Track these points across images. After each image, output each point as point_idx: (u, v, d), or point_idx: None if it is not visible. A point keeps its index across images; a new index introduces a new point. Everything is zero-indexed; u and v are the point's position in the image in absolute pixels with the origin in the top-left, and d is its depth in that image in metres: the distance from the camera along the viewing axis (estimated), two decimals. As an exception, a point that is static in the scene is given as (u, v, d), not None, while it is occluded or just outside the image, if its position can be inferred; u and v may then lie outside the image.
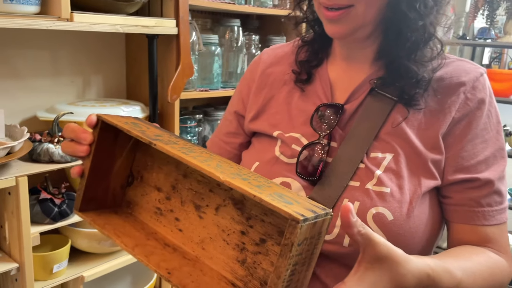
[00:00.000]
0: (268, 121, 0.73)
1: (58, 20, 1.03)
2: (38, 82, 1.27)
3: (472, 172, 0.62)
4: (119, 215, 0.62)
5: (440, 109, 0.63)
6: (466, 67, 0.66)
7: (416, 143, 0.63)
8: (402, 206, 0.60)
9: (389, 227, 0.59)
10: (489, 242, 0.63)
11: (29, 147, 1.07)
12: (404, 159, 0.62)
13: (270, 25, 1.84)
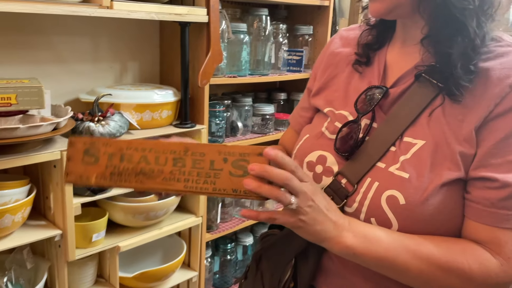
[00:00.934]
0: (326, 98, 0.78)
1: (100, 7, 1.12)
2: (80, 67, 1.38)
3: (493, 171, 0.60)
4: None
5: (480, 100, 0.61)
6: None
7: (448, 133, 0.62)
8: (417, 192, 0.61)
9: (399, 211, 0.62)
10: (492, 244, 0.61)
11: (72, 124, 1.16)
12: (432, 147, 0.62)
13: (298, 14, 1.89)
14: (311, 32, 1.86)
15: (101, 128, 1.19)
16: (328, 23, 1.84)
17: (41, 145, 1.11)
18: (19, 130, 0.99)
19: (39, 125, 1.02)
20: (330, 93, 0.78)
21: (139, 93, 1.32)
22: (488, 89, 0.60)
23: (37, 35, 1.27)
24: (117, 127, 1.22)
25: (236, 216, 1.76)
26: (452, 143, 0.62)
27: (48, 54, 1.30)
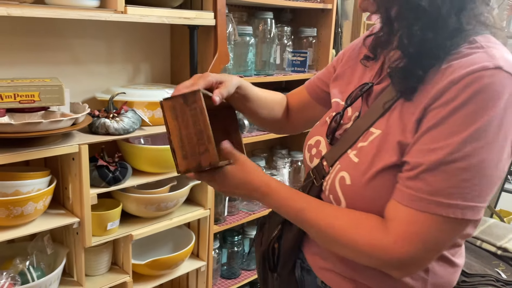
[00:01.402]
0: (339, 88, 0.87)
1: (115, 12, 1.21)
2: (96, 68, 1.47)
3: (411, 156, 0.64)
4: None
5: (427, 95, 0.64)
6: (477, 59, 0.61)
7: (397, 125, 0.67)
8: (361, 175, 0.69)
9: (346, 190, 0.71)
10: (392, 219, 0.65)
11: (89, 120, 1.26)
12: (382, 137, 0.69)
13: (302, 17, 1.97)
14: (315, 34, 1.93)
15: (115, 124, 1.28)
16: (331, 25, 1.91)
17: (61, 139, 1.21)
18: (42, 124, 1.08)
19: (59, 120, 1.12)
20: (343, 85, 0.86)
21: (151, 92, 1.41)
22: (436, 85, 0.63)
23: (57, 38, 1.37)
24: (130, 123, 1.31)
25: (243, 210, 1.84)
26: (396, 134, 0.67)
27: (67, 56, 1.40)
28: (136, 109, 1.37)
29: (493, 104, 0.59)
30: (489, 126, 0.60)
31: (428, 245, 0.63)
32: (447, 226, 0.63)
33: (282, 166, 1.94)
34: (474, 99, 0.60)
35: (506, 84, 0.60)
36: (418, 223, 0.63)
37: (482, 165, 0.61)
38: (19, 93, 1.09)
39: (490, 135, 0.60)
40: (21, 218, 1.15)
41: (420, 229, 0.63)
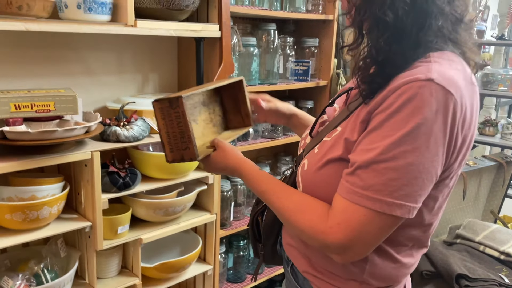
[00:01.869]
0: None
1: (125, 26, 1.28)
2: (106, 78, 1.54)
3: (352, 154, 0.73)
4: None
5: (372, 101, 0.72)
6: (416, 71, 0.68)
7: (350, 125, 0.76)
8: (316, 163, 0.80)
9: (303, 174, 0.84)
10: (333, 209, 0.73)
11: (101, 128, 1.32)
12: (339, 134, 0.79)
13: (304, 28, 2.03)
14: (317, 44, 1.99)
15: (126, 131, 1.34)
16: (332, 35, 1.97)
17: (74, 147, 1.27)
18: (57, 132, 1.15)
19: (73, 128, 1.18)
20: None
21: (159, 101, 1.47)
22: (381, 93, 0.71)
23: (70, 50, 1.44)
24: (140, 131, 1.37)
25: (248, 215, 1.89)
26: (346, 132, 0.76)
27: (79, 68, 1.47)
28: (145, 117, 1.43)
29: (420, 111, 0.65)
30: (416, 132, 0.66)
31: (358, 234, 0.70)
32: (376, 220, 0.69)
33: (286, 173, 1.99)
34: (404, 106, 0.66)
35: (434, 94, 0.65)
36: (350, 213, 0.71)
37: (411, 168, 0.67)
38: (35, 103, 1.16)
39: (418, 140, 0.66)
40: (37, 222, 1.20)
41: (352, 218, 0.70)
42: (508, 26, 3.13)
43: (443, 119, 0.67)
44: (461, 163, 0.75)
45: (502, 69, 3.07)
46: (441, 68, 0.68)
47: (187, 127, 0.86)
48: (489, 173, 2.72)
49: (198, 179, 1.60)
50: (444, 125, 0.67)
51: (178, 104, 0.85)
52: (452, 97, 0.67)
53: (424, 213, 0.77)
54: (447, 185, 0.77)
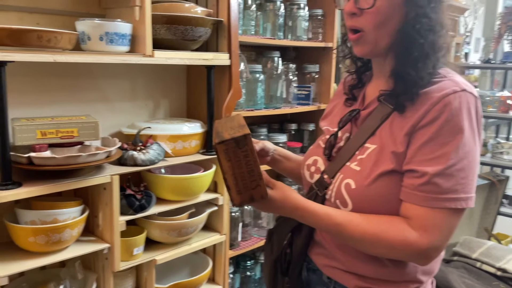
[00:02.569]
0: (328, 121, 1.06)
1: (144, 56, 1.35)
2: (121, 105, 1.61)
3: (416, 165, 0.81)
4: None
5: (414, 115, 0.83)
6: (446, 85, 0.82)
7: (389, 139, 0.85)
8: (364, 179, 0.86)
9: (352, 193, 0.88)
10: (414, 219, 0.81)
11: (119, 153, 1.38)
12: (378, 149, 0.86)
13: (305, 55, 2.13)
14: (317, 70, 2.09)
15: (142, 155, 1.40)
16: (332, 62, 2.07)
17: (94, 171, 1.32)
18: (81, 157, 1.20)
19: (96, 153, 1.24)
20: (331, 117, 1.06)
21: (172, 126, 1.54)
22: (420, 107, 0.82)
23: (87, 79, 1.50)
24: (156, 154, 1.43)
25: (255, 236, 1.93)
26: (390, 146, 0.85)
27: (96, 95, 1.53)
28: (159, 141, 1.49)
29: (466, 117, 0.80)
30: (468, 134, 0.80)
31: (444, 233, 0.81)
32: (455, 216, 0.81)
33: (290, 193, 2.05)
34: (453, 115, 0.79)
35: (471, 101, 0.81)
36: (435, 217, 0.80)
37: (472, 164, 0.81)
38: (60, 130, 1.22)
39: (471, 140, 0.81)
40: (58, 244, 1.24)
41: (437, 222, 0.80)
42: (494, 50, 3.28)
43: (476, 120, 0.82)
44: None
45: (489, 91, 3.21)
46: (461, 80, 0.84)
47: (256, 163, 0.82)
48: (482, 191, 2.81)
49: (208, 201, 1.66)
50: (478, 124, 0.82)
51: (247, 142, 0.81)
52: (478, 101, 0.83)
53: None
54: None
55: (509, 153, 2.97)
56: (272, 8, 1.86)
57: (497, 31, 3.04)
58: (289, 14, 1.94)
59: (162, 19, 1.40)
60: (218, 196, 1.65)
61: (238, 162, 0.82)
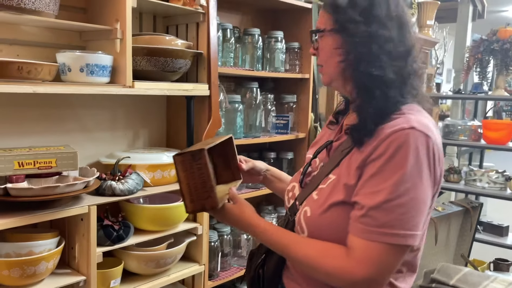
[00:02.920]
0: (313, 148, 1.09)
1: (123, 87, 1.37)
2: (99, 135, 1.61)
3: (359, 198, 0.84)
4: None
5: (365, 149, 0.85)
6: (398, 122, 0.84)
7: (345, 171, 0.88)
8: (318, 208, 0.90)
9: (307, 220, 0.92)
10: (351, 249, 0.84)
11: (97, 183, 1.37)
12: (336, 180, 0.90)
13: (283, 86, 2.19)
14: (295, 100, 2.14)
15: (121, 185, 1.40)
16: (309, 92, 2.13)
17: (71, 201, 1.31)
18: (59, 188, 1.19)
19: (74, 184, 1.23)
20: (316, 146, 1.09)
21: (151, 155, 1.55)
22: (373, 142, 0.85)
23: (67, 109, 1.51)
24: (134, 184, 1.43)
25: (234, 266, 1.92)
26: (344, 178, 0.88)
27: (75, 125, 1.53)
28: (138, 171, 1.49)
29: (410, 154, 0.81)
30: (411, 171, 0.81)
31: (380, 266, 0.82)
32: (393, 251, 0.82)
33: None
34: (397, 151, 0.81)
35: (419, 139, 0.82)
36: (371, 250, 0.82)
37: (413, 201, 0.81)
38: (38, 160, 1.21)
39: (416, 177, 0.81)
40: (33, 277, 1.22)
41: (373, 254, 0.82)
42: (464, 81, 3.43)
43: (427, 157, 0.82)
44: (437, 194, 0.90)
45: (461, 121, 3.32)
46: (416, 118, 0.85)
47: (209, 177, 0.91)
48: (457, 218, 2.87)
49: (187, 230, 1.65)
50: (428, 162, 0.83)
51: (201, 156, 0.90)
52: (430, 139, 0.83)
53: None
54: (429, 213, 0.89)
55: (482, 180, 3.06)
56: (250, 41, 1.92)
57: (466, 63, 3.19)
58: (267, 46, 2.00)
59: (142, 51, 1.43)
60: (197, 226, 1.64)
61: (192, 173, 0.91)
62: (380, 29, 0.86)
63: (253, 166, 1.20)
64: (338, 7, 0.89)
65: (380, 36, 0.86)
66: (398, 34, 0.88)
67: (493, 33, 3.03)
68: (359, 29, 0.86)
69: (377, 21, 0.86)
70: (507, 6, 7.75)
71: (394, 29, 0.87)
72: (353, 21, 0.87)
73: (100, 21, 1.41)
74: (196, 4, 1.56)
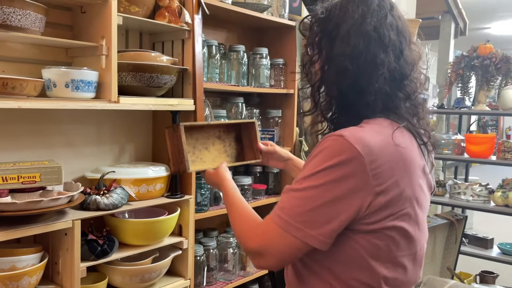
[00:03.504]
0: None
1: (109, 102, 1.39)
2: (85, 150, 1.62)
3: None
4: None
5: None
6: (339, 131, 0.88)
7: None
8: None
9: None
10: (262, 221, 0.94)
11: (82, 198, 1.38)
12: None
13: (269, 101, 2.22)
14: (280, 115, 2.18)
15: (105, 200, 1.40)
16: (294, 107, 2.17)
17: (55, 216, 1.31)
18: (43, 202, 1.20)
19: (58, 198, 1.24)
20: None
21: (137, 170, 1.56)
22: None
23: (52, 125, 1.52)
24: (119, 198, 1.43)
25: (221, 280, 1.92)
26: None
27: (60, 140, 1.54)
28: (123, 185, 1.50)
29: (329, 158, 0.84)
30: (322, 174, 0.84)
31: (268, 245, 0.89)
32: (282, 237, 0.87)
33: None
34: (319, 153, 0.87)
35: (343, 147, 0.84)
36: (268, 226, 0.90)
37: (311, 200, 0.85)
38: (22, 175, 1.22)
39: (322, 180, 0.84)
40: (15, 293, 1.21)
41: (267, 230, 0.90)
42: (446, 96, 3.50)
43: (346, 168, 0.83)
44: (396, 216, 0.87)
45: (445, 135, 3.39)
46: (355, 130, 0.87)
47: (183, 146, 1.18)
48: (443, 230, 2.91)
49: (172, 245, 1.65)
50: (348, 173, 0.83)
51: (177, 130, 1.19)
52: (356, 150, 0.83)
53: (368, 259, 0.88)
54: (387, 235, 0.87)
55: (466, 193, 3.10)
56: (236, 57, 1.96)
57: (448, 79, 3.27)
58: (252, 63, 2.04)
59: (128, 67, 1.45)
60: (183, 240, 1.65)
61: (173, 142, 1.21)
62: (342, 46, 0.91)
63: (274, 151, 1.33)
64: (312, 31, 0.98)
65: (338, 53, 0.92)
66: (366, 46, 0.90)
67: (473, 50, 3.12)
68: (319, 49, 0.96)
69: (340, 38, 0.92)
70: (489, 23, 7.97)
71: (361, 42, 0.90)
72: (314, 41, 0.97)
73: (86, 38, 1.43)
74: (181, 22, 1.59)
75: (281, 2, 2.14)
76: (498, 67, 2.99)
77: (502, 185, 2.94)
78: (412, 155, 0.91)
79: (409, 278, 0.95)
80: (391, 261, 0.90)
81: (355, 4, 0.91)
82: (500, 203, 2.91)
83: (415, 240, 0.92)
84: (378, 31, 0.90)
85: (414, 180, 0.90)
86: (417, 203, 0.91)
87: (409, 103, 0.93)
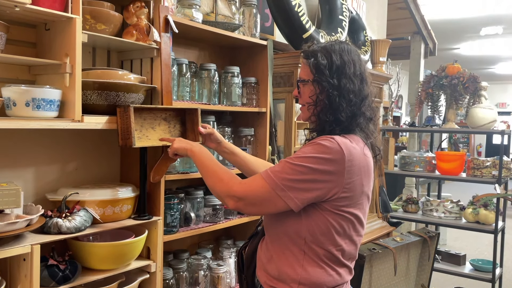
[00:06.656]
0: None
1: (72, 121, 1.35)
2: (48, 170, 1.56)
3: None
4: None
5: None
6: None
7: None
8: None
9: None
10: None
11: (42, 221, 1.32)
12: None
13: (241, 119, 2.21)
14: (252, 133, 2.17)
15: (68, 223, 1.35)
16: (266, 125, 2.16)
17: (13, 240, 1.25)
18: (-2, 226, 1.14)
19: (15, 222, 1.18)
20: None
21: (102, 191, 1.51)
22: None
23: (12, 145, 1.46)
24: (82, 221, 1.38)
25: (190, 303, 1.86)
26: None
27: (20, 160, 1.49)
28: (87, 207, 1.45)
29: (323, 152, 1.15)
30: (315, 160, 1.14)
31: (250, 193, 1.18)
32: (264, 189, 1.16)
33: (228, 256, 2.03)
34: (317, 144, 1.17)
35: (332, 145, 1.15)
36: (255, 179, 1.20)
37: (300, 174, 1.14)
38: (-23, 198, 1.16)
39: (314, 165, 1.14)
40: (-33, 324, 1.14)
41: (253, 181, 1.20)
42: (417, 114, 3.58)
43: (332, 166, 1.14)
44: (355, 204, 1.20)
45: (417, 152, 3.44)
46: (341, 138, 1.18)
47: (130, 124, 1.39)
48: (416, 247, 2.92)
49: (140, 268, 1.60)
50: (333, 169, 1.14)
51: (128, 110, 1.40)
52: (343, 153, 1.15)
53: (334, 234, 1.19)
54: (347, 218, 1.19)
55: (438, 210, 3.14)
56: (207, 75, 1.95)
57: (418, 98, 3.34)
58: (223, 81, 2.03)
59: (93, 85, 1.42)
60: (151, 263, 1.60)
61: (123, 121, 1.41)
62: (347, 84, 1.20)
63: (212, 133, 1.59)
64: (319, 68, 1.22)
65: (345, 90, 1.20)
66: (358, 87, 1.22)
67: (442, 69, 3.21)
68: (331, 85, 1.21)
69: (346, 78, 1.21)
70: (458, 44, 8.25)
71: (356, 83, 1.22)
72: (328, 79, 1.21)
73: (50, 56, 1.40)
74: (149, 40, 1.57)
75: (253, 22, 2.15)
76: (466, 86, 3.08)
77: (472, 201, 2.99)
78: (371, 163, 1.25)
79: (356, 254, 1.28)
80: (349, 238, 1.22)
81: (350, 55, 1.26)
82: (471, 220, 2.96)
83: (363, 225, 1.26)
84: (365, 69, 1.28)
85: (370, 180, 1.25)
86: (367, 198, 1.25)
87: (371, 125, 1.28)
